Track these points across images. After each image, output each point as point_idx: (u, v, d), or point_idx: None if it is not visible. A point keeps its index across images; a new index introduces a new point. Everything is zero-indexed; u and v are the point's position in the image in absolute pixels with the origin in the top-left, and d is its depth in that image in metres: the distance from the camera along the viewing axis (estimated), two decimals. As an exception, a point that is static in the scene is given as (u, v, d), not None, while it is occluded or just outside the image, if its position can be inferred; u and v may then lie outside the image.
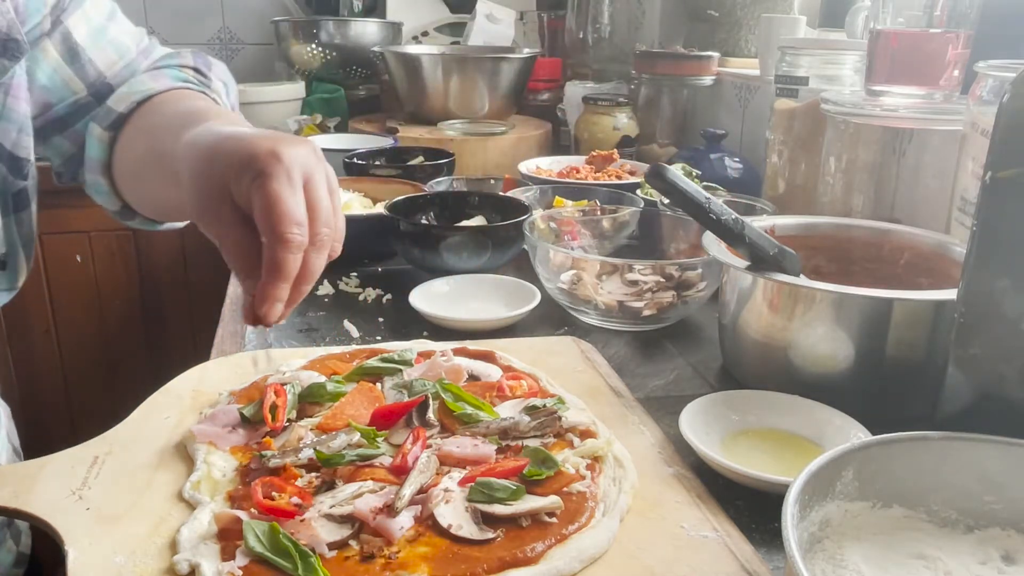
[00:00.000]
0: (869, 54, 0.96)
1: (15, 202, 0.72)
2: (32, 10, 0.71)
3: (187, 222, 0.85)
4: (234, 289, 1.04)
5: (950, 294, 0.64)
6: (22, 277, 0.75)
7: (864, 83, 0.98)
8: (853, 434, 0.63)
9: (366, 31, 2.04)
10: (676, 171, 0.70)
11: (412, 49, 1.92)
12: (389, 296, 1.00)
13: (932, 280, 0.78)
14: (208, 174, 0.56)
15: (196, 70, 0.82)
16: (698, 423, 0.65)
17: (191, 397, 0.71)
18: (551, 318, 0.94)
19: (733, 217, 0.71)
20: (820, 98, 1.00)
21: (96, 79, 0.77)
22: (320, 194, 0.56)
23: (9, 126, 0.70)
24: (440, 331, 0.89)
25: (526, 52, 1.82)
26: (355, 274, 1.06)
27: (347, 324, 0.92)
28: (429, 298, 0.93)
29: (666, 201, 1.08)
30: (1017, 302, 0.55)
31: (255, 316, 0.54)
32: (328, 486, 0.57)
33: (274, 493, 0.55)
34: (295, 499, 0.55)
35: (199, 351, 0.85)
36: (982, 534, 0.52)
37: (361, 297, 1.00)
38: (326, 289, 1.02)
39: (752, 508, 0.59)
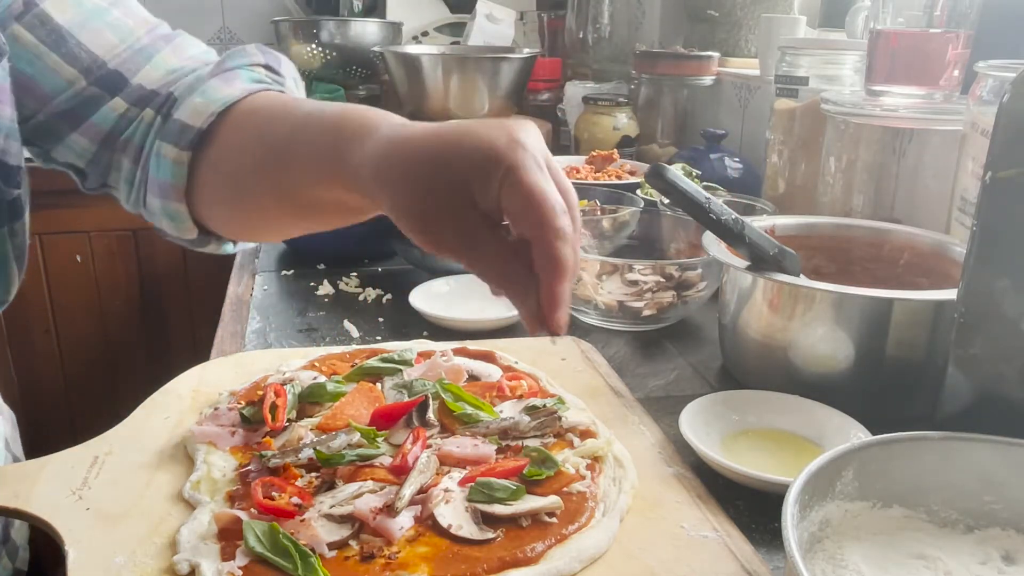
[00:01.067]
0: (869, 54, 0.96)
1: (9, 212, 0.67)
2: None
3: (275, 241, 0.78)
4: (234, 289, 1.04)
5: (950, 294, 0.64)
6: (14, 288, 0.71)
7: (864, 83, 0.98)
8: (853, 434, 0.63)
9: (366, 31, 2.04)
10: (676, 171, 0.70)
11: (412, 49, 1.92)
12: (389, 296, 1.00)
13: (932, 280, 0.78)
14: (437, 179, 0.49)
15: (268, 68, 0.73)
16: (698, 423, 0.65)
17: (191, 397, 0.71)
18: (551, 318, 0.94)
19: (733, 217, 0.71)
20: (820, 98, 1.00)
21: (92, 65, 0.69)
22: (562, 176, 0.50)
23: None
24: (440, 331, 0.89)
25: (526, 52, 1.82)
26: (355, 274, 1.06)
27: (347, 324, 0.92)
28: (429, 298, 0.93)
29: (666, 201, 1.08)
30: (1017, 302, 0.55)
31: (549, 323, 0.48)
32: (328, 486, 0.57)
33: (274, 493, 0.55)
34: (295, 499, 0.55)
35: (199, 351, 0.85)
36: (982, 534, 0.52)
37: (361, 297, 1.00)
38: (326, 289, 1.02)
39: (752, 508, 0.59)
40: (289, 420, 0.65)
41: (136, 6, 0.76)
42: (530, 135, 0.49)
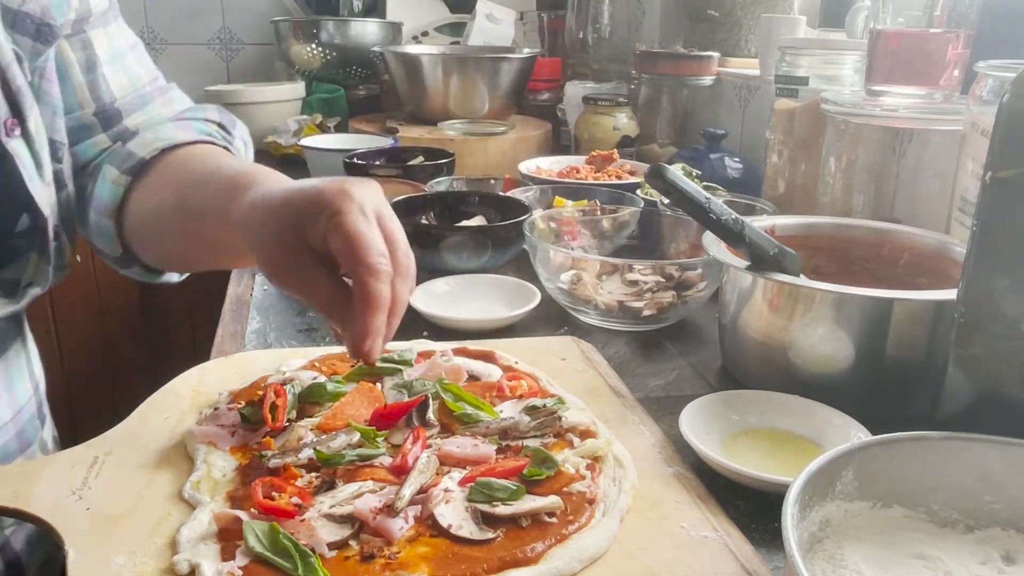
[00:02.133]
0: (869, 54, 0.96)
1: (55, 184, 0.73)
2: (56, 11, 0.72)
3: (185, 276, 0.87)
4: (234, 289, 1.04)
5: (950, 294, 0.64)
6: (69, 257, 0.76)
7: (864, 83, 0.98)
8: (853, 434, 0.63)
9: (366, 31, 2.04)
10: (676, 171, 0.70)
11: (412, 49, 1.92)
12: (389, 296, 1.00)
13: (932, 280, 0.78)
14: (281, 227, 0.56)
15: (220, 126, 0.83)
16: (698, 423, 0.65)
17: (191, 397, 0.71)
18: (551, 318, 0.94)
19: (733, 217, 0.71)
20: (820, 98, 1.00)
21: (106, 100, 0.78)
22: (394, 225, 0.58)
23: (46, 109, 0.72)
24: (440, 331, 0.89)
25: (526, 52, 1.82)
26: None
27: (346, 324, 0.91)
28: (429, 298, 0.93)
29: (666, 201, 1.08)
30: (1017, 302, 0.55)
31: (360, 353, 0.54)
32: (328, 486, 0.57)
33: (274, 493, 0.55)
34: (295, 499, 0.55)
35: (199, 351, 0.85)
36: (982, 534, 0.52)
37: (361, 297, 1.00)
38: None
39: (752, 508, 0.59)
40: (289, 420, 0.65)
41: (145, 55, 0.85)
42: (363, 188, 0.57)
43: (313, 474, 0.58)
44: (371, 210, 0.56)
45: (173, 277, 0.87)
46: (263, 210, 0.58)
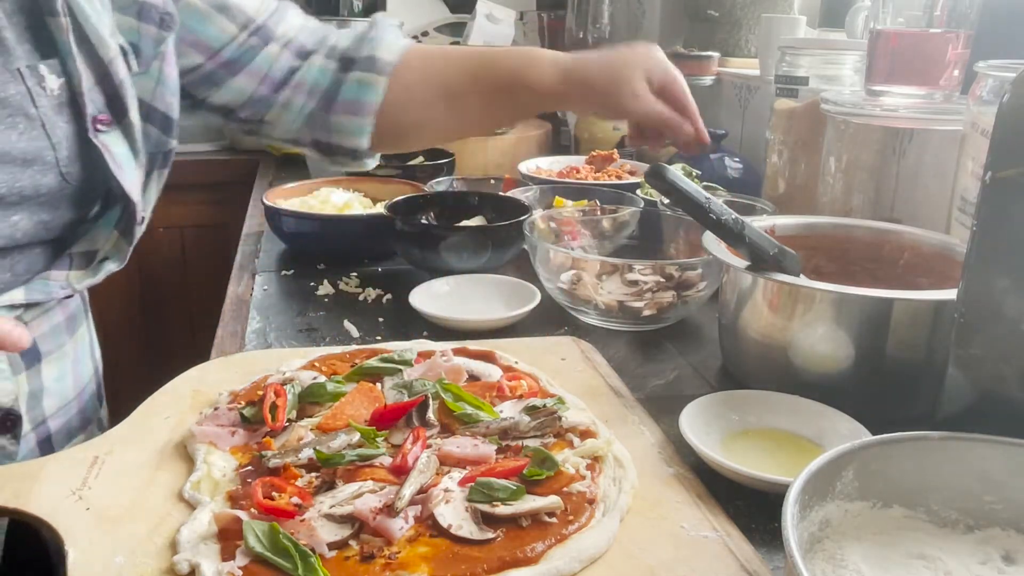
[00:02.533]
0: (869, 54, 0.96)
1: (162, 159, 0.79)
2: None
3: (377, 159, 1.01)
4: (234, 289, 1.04)
5: (950, 294, 0.64)
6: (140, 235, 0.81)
7: (864, 83, 0.98)
8: (853, 434, 0.63)
9: (366, 31, 2.03)
10: (676, 171, 0.70)
11: (412, 49, 1.91)
12: (389, 296, 1.00)
13: (932, 280, 0.78)
14: (607, 80, 0.88)
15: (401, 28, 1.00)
16: (698, 423, 0.65)
17: (191, 397, 0.71)
18: (551, 318, 0.94)
19: (733, 217, 0.71)
20: (820, 98, 1.00)
21: (247, 22, 0.86)
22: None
23: (164, 90, 0.78)
24: (440, 331, 0.89)
25: (526, 52, 1.81)
26: (355, 274, 1.06)
27: (347, 324, 0.92)
28: (429, 298, 0.93)
29: (666, 201, 1.08)
30: (1017, 302, 0.55)
31: (702, 138, 0.93)
32: (328, 486, 0.57)
33: (274, 493, 0.55)
34: (295, 499, 0.55)
35: (199, 351, 0.85)
36: (982, 534, 0.52)
37: (361, 297, 1.00)
38: (326, 289, 1.02)
39: (752, 508, 0.59)
40: (289, 420, 0.65)
41: None
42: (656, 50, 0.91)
43: (313, 474, 0.58)
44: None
45: (370, 163, 0.99)
46: (586, 69, 0.89)
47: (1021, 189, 0.54)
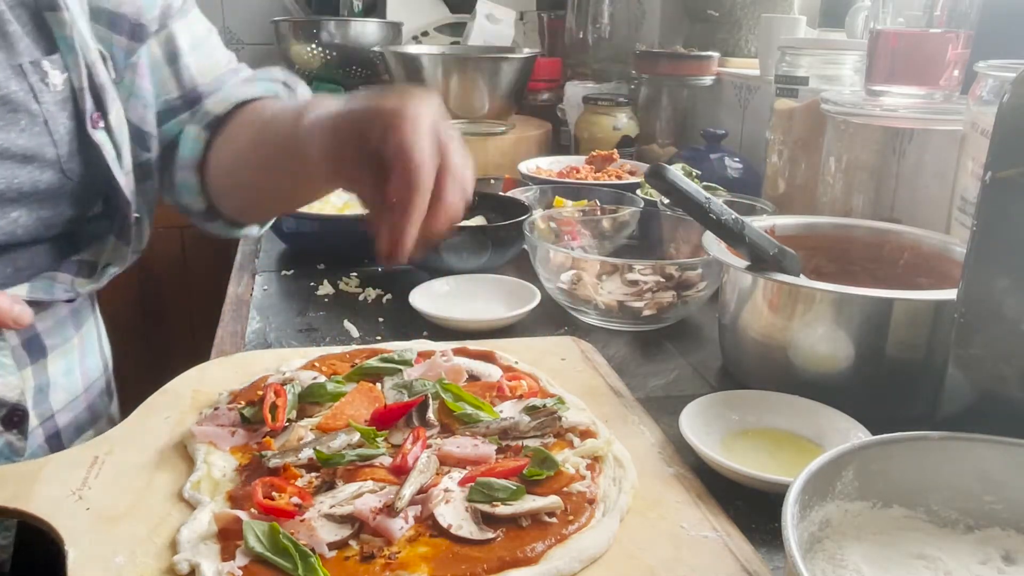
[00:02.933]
0: (869, 54, 0.96)
1: (140, 173, 0.78)
2: (145, 8, 0.78)
3: (265, 228, 0.94)
4: (234, 289, 1.04)
5: (950, 294, 0.64)
6: (146, 239, 0.80)
7: (864, 83, 0.98)
8: (853, 434, 0.63)
9: (366, 31, 2.04)
10: (676, 171, 0.70)
11: (412, 49, 1.92)
12: (389, 296, 1.00)
13: (932, 280, 0.78)
14: (343, 127, 0.64)
15: (285, 84, 0.89)
16: (698, 423, 0.65)
17: (191, 397, 0.71)
18: (551, 318, 0.94)
19: (733, 217, 0.71)
20: (820, 98, 1.00)
21: (190, 85, 0.83)
22: (449, 134, 0.62)
23: (137, 102, 0.78)
24: (440, 331, 0.89)
25: (526, 52, 1.82)
26: (355, 274, 1.06)
27: (347, 324, 0.92)
28: (429, 298, 0.93)
29: (666, 201, 1.08)
30: (1017, 302, 0.55)
31: (389, 251, 0.61)
32: (328, 486, 0.57)
33: (274, 493, 0.55)
34: (295, 499, 0.55)
35: (199, 351, 0.85)
36: (982, 534, 0.52)
37: (361, 297, 1.00)
38: (326, 289, 1.02)
39: (752, 508, 0.59)
40: (289, 420, 0.65)
41: (219, 39, 0.90)
42: (420, 101, 0.61)
43: (313, 474, 0.58)
44: (427, 121, 0.60)
45: (253, 230, 0.92)
46: (325, 119, 0.66)
47: (1021, 189, 0.54)
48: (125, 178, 0.74)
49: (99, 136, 0.71)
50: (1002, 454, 0.52)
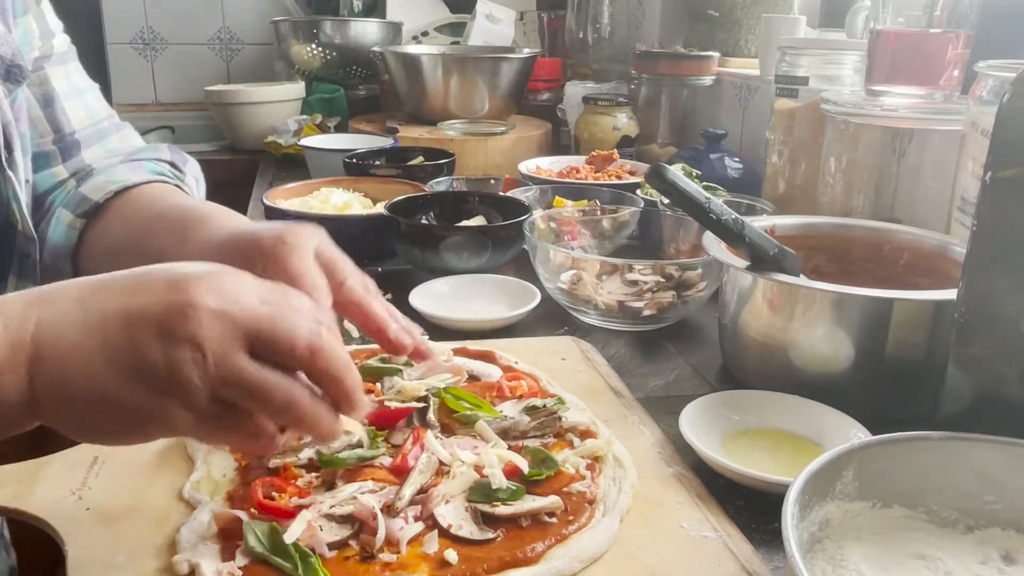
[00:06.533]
0: (869, 54, 0.96)
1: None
2: (22, 50, 0.73)
3: None
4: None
5: (950, 294, 0.64)
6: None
7: (864, 83, 0.98)
8: (853, 434, 0.63)
9: (366, 31, 2.04)
10: (676, 171, 0.70)
11: (412, 49, 1.92)
12: (389, 296, 1.00)
13: (932, 280, 0.78)
14: (226, 260, 0.52)
15: (172, 164, 0.84)
16: (698, 423, 0.65)
17: (191, 397, 0.70)
18: (551, 318, 0.94)
19: (733, 217, 0.71)
20: (820, 98, 1.00)
21: (65, 131, 0.80)
22: (337, 255, 0.56)
23: (23, 143, 0.73)
24: (440, 331, 0.89)
25: (526, 52, 1.82)
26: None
27: (347, 324, 0.91)
28: (429, 298, 0.93)
29: (666, 201, 1.08)
30: (1017, 302, 0.56)
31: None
32: (328, 486, 0.57)
33: (274, 493, 0.55)
34: (295, 499, 0.55)
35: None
36: (982, 534, 0.52)
37: (361, 297, 1.00)
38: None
39: (752, 508, 0.59)
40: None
41: (101, 98, 0.87)
42: (299, 233, 0.55)
43: (313, 474, 0.58)
44: (308, 250, 0.54)
45: None
46: (209, 249, 0.59)
47: (1021, 189, 0.54)
48: (27, 220, 0.71)
49: (9, 172, 0.69)
50: (1002, 454, 0.52)
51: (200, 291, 0.43)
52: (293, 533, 0.50)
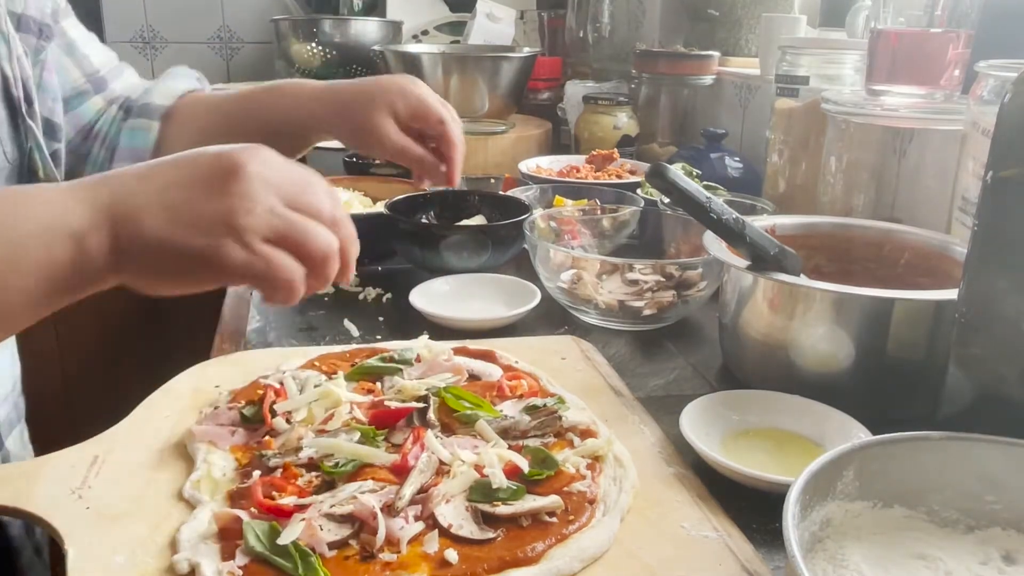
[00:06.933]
0: (870, 54, 0.96)
1: (52, 161, 0.81)
2: (44, 9, 0.83)
3: None
4: (234, 288, 1.04)
5: (951, 294, 0.64)
6: None
7: (864, 83, 0.98)
8: (854, 434, 0.63)
9: (366, 30, 2.04)
10: (677, 170, 0.70)
11: (412, 48, 1.92)
12: (389, 295, 1.00)
13: (933, 280, 0.78)
14: (362, 105, 0.85)
15: (198, 80, 0.99)
16: (698, 423, 0.65)
17: (191, 396, 0.70)
18: (551, 317, 0.94)
19: (734, 217, 0.71)
20: (820, 98, 1.00)
21: (92, 71, 0.90)
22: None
23: (46, 96, 0.81)
24: (440, 330, 0.88)
25: (526, 51, 1.81)
26: (355, 273, 1.05)
27: (347, 323, 0.91)
28: (429, 297, 0.93)
29: (666, 200, 1.08)
30: (1018, 302, 0.55)
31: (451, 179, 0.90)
32: (328, 485, 0.57)
33: (274, 492, 0.55)
34: (295, 499, 0.55)
35: (199, 351, 0.85)
36: (983, 534, 0.52)
37: (361, 296, 1.00)
38: (326, 288, 1.01)
39: (753, 508, 0.59)
40: (289, 420, 0.64)
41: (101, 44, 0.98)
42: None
43: (313, 473, 0.58)
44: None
45: None
46: (309, 101, 0.87)
47: (1020, 188, 0.54)
48: (50, 164, 0.78)
49: (30, 122, 0.75)
50: (1002, 454, 0.52)
51: (244, 157, 0.53)
52: (289, 536, 0.50)
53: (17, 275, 0.51)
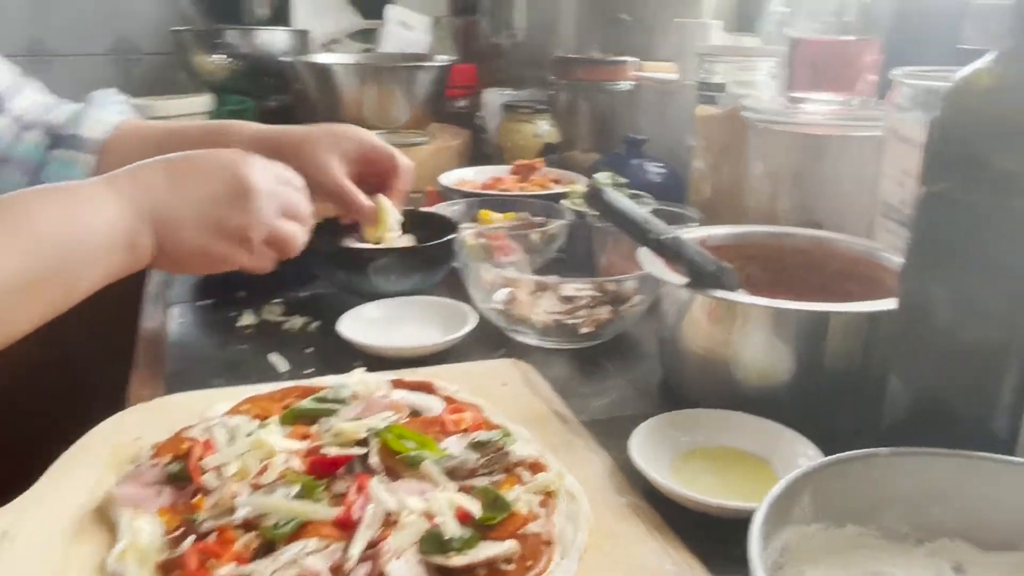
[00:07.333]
0: (788, 62, 0.97)
1: None
2: None
3: None
4: (147, 324, 0.98)
5: (883, 305, 0.65)
6: None
7: (783, 90, 1.00)
8: (800, 450, 0.63)
9: (273, 40, 1.97)
10: (609, 187, 0.69)
11: (323, 58, 1.86)
12: (317, 323, 0.96)
13: (861, 286, 0.80)
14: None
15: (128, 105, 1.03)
16: (646, 446, 0.64)
17: (109, 453, 0.65)
18: (489, 340, 0.91)
19: (672, 236, 0.70)
20: (740, 104, 1.01)
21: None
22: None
23: None
24: (373, 359, 0.85)
25: (442, 60, 1.79)
26: (279, 301, 1.01)
27: (272, 358, 0.87)
28: (359, 324, 0.90)
29: (595, 212, 1.07)
30: (953, 312, 0.56)
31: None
32: (268, 547, 0.53)
33: (210, 561, 0.51)
34: (233, 567, 0.51)
35: (115, 395, 0.79)
36: (932, 546, 0.53)
37: (286, 326, 0.96)
38: (248, 319, 0.96)
39: (709, 535, 0.57)
40: (220, 474, 0.60)
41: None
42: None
43: (252, 533, 0.54)
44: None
45: None
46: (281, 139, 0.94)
47: (952, 203, 0.55)
48: None
49: None
50: (944, 465, 0.53)
51: (255, 179, 0.72)
52: None
53: (88, 281, 0.65)
